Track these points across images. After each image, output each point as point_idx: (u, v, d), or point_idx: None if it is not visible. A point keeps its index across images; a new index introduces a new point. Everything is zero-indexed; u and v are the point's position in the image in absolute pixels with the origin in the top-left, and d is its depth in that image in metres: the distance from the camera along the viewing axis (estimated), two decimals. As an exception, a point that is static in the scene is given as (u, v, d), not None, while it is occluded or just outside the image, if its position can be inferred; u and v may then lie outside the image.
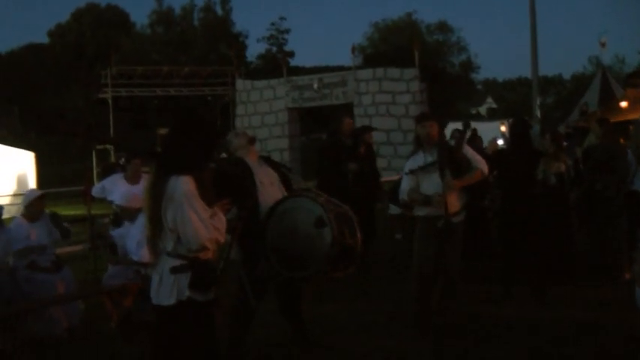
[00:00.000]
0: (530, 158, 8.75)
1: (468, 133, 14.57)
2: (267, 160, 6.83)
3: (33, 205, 8.10)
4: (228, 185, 5.63)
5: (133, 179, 9.21)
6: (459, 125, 19.39)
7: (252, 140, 6.78)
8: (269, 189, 6.43)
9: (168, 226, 4.38)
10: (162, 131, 31.55)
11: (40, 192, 8.52)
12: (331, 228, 5.90)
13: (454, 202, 7.00)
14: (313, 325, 7.10)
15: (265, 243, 6.15)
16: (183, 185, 4.34)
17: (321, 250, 5.95)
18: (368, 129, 11.13)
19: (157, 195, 4.42)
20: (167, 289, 4.43)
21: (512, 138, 9.25)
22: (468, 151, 7.24)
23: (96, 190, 9.73)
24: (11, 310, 6.97)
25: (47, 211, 8.41)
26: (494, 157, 9.90)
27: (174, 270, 4.41)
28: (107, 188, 9.47)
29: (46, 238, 8.13)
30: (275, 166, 6.86)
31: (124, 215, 8.23)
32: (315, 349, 6.76)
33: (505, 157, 9.10)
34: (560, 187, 9.22)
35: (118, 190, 8.84)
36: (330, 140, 10.94)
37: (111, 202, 9.23)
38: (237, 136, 6.82)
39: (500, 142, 20.11)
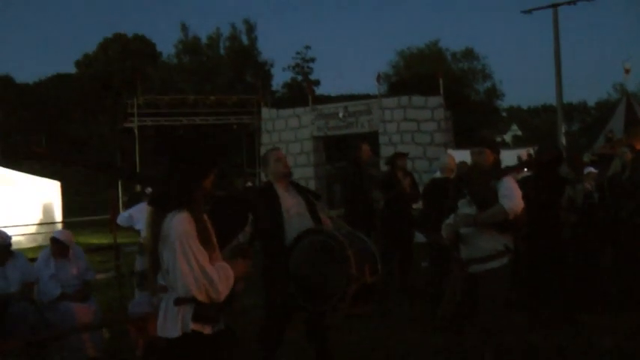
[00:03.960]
0: (555, 186, 8.70)
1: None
2: (295, 186, 6.76)
3: (52, 246, 8.19)
4: (240, 211, 5.56)
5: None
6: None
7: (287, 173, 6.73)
8: (295, 218, 6.37)
9: (165, 266, 4.28)
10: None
11: (60, 236, 8.38)
12: (350, 265, 5.81)
13: (482, 245, 6.34)
14: (337, 353, 7.03)
15: (288, 272, 6.10)
16: (179, 226, 4.19)
17: (339, 287, 5.87)
18: (400, 155, 11.12)
19: (154, 233, 4.33)
20: (172, 321, 4.29)
21: (537, 165, 9.17)
22: (505, 185, 6.41)
23: (122, 218, 9.77)
24: (36, 339, 6.99)
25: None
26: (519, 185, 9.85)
27: (178, 302, 4.26)
28: (134, 216, 9.49)
29: (73, 274, 8.18)
30: (303, 192, 6.76)
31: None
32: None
33: (529, 186, 9.04)
34: (586, 212, 9.24)
35: (145, 218, 8.87)
36: (352, 169, 10.97)
37: (138, 231, 9.27)
38: (277, 161, 6.67)
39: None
